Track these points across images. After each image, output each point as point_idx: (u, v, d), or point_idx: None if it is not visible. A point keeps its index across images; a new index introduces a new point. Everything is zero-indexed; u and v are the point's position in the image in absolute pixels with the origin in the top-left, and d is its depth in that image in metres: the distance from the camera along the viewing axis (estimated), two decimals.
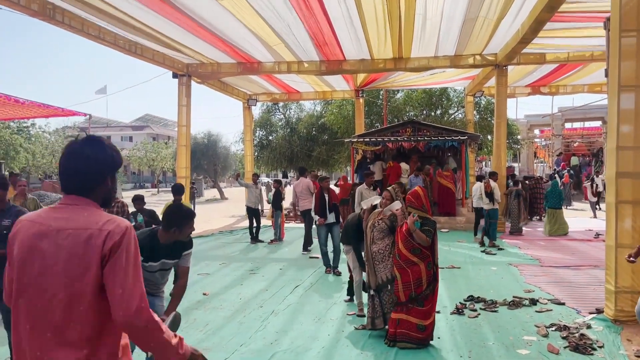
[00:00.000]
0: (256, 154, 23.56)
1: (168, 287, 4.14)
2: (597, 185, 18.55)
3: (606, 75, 6.29)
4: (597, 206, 18.58)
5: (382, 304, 5.46)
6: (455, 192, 14.92)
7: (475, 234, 12.64)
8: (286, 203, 15.19)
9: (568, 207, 20.81)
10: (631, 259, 4.97)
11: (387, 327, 5.38)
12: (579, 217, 17.66)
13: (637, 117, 5.92)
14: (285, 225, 15.91)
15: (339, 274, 8.73)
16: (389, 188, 5.68)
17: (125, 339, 1.94)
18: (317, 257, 10.17)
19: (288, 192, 16.53)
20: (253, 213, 12.68)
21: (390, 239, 5.45)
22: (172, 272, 4.19)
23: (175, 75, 15.17)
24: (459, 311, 6.43)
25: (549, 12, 8.88)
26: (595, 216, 17.54)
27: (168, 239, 3.77)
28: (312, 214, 9.53)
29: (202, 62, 14.62)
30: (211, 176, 38.43)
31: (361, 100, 19.44)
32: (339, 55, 13.59)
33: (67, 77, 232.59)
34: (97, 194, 1.94)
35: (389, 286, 5.40)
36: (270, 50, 12.97)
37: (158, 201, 34.29)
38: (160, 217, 5.54)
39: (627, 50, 5.87)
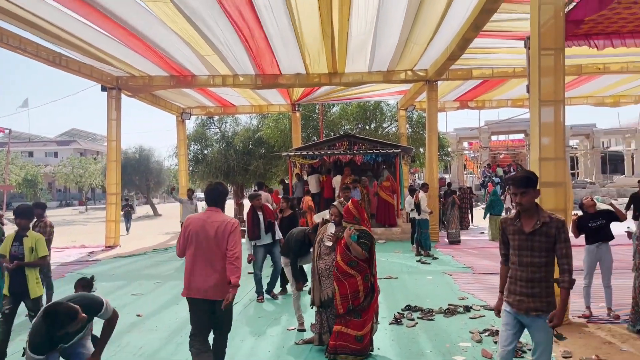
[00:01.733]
0: (191, 168, 23.04)
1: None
2: None
3: (528, 91, 6.66)
4: None
5: (329, 320, 5.45)
6: (394, 204, 15.24)
7: (413, 244, 12.97)
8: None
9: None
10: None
11: None
12: None
13: (557, 130, 6.31)
14: None
15: (275, 297, 8.10)
16: (335, 203, 5.69)
17: None
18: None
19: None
20: None
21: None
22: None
23: (104, 88, 14.62)
24: (397, 321, 6.53)
25: (475, 30, 9.34)
26: None
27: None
28: (246, 239, 7.82)
29: (132, 74, 14.19)
30: (144, 192, 37.18)
31: (297, 114, 19.55)
32: (275, 70, 13.62)
33: None
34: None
35: (333, 302, 5.40)
36: (204, 63, 12.79)
37: (86, 219, 32.73)
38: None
39: (546, 67, 6.26)
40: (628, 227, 7.04)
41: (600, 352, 5.22)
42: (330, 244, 5.42)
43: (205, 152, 23.56)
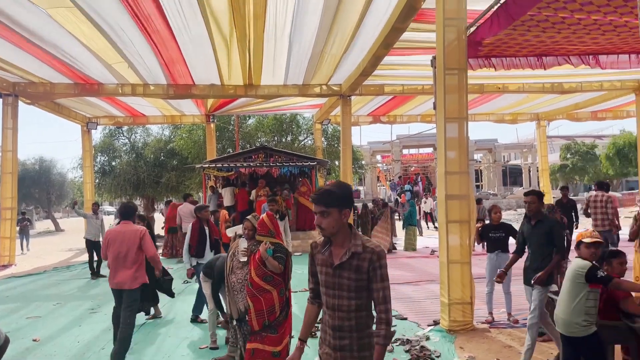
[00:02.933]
0: (97, 181, 21.85)
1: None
2: (423, 206, 21.22)
3: (434, 107, 6.99)
4: (427, 225, 21.04)
5: (245, 336, 5.32)
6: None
7: None
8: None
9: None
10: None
11: None
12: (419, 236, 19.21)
13: (461, 145, 6.66)
14: None
15: (202, 321, 7.27)
16: (249, 217, 5.59)
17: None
18: None
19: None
20: (93, 246, 11.63)
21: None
22: None
23: None
24: (311, 334, 6.52)
25: (385, 48, 9.69)
26: (421, 234, 19.00)
27: None
28: (186, 254, 7.16)
29: (32, 81, 13.23)
30: (44, 206, 34.69)
31: (212, 125, 19.18)
32: (188, 80, 13.30)
33: None
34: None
35: (247, 316, 5.29)
36: (111, 71, 12.21)
37: None
38: None
39: (451, 86, 6.61)
40: None
41: (501, 355, 5.53)
42: (244, 259, 5.33)
43: (113, 163, 22.47)
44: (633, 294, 4.47)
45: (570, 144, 39.42)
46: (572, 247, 4.38)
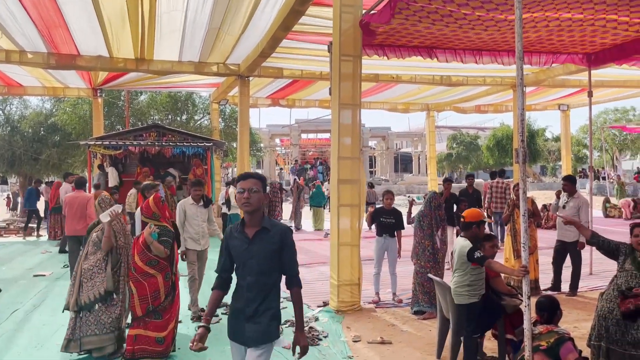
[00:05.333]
0: None
1: None
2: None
3: (330, 94, 7.07)
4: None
5: (82, 327, 4.98)
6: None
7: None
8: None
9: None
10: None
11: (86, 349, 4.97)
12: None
13: (354, 132, 6.82)
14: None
15: None
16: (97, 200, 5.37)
17: None
18: (43, 275, 8.99)
19: None
20: None
21: (102, 253, 5.07)
22: None
23: None
24: (200, 318, 6.38)
25: (284, 30, 9.59)
26: None
27: None
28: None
29: None
30: None
31: (100, 99, 17.87)
32: (72, 49, 12.24)
33: None
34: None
35: (96, 306, 4.99)
36: None
37: None
38: None
39: (346, 73, 6.72)
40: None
41: (385, 333, 5.79)
42: (107, 218, 4.99)
43: None
44: (502, 274, 4.93)
45: (456, 135, 42.18)
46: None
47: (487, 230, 7.24)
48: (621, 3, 6.41)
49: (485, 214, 11.48)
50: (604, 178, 26.95)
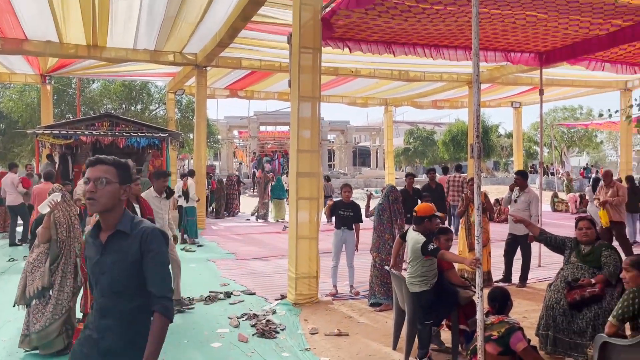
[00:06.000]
0: None
1: None
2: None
3: (290, 86, 7.02)
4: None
5: (31, 321, 4.83)
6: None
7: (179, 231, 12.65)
8: None
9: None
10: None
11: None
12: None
13: (313, 125, 6.80)
14: None
15: None
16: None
17: None
18: None
19: None
20: None
21: (44, 246, 4.92)
22: None
23: None
24: None
25: (243, 20, 9.45)
26: None
27: None
28: None
29: None
30: None
31: (49, 87, 17.16)
32: (19, 33, 11.67)
33: None
34: None
35: (34, 301, 4.87)
36: None
37: None
38: None
39: (305, 65, 6.68)
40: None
41: (342, 325, 5.82)
42: (47, 209, 4.91)
43: None
44: (456, 266, 5.07)
45: (413, 129, 42.85)
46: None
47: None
48: (572, 6, 6.64)
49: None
50: (552, 174, 28.03)
